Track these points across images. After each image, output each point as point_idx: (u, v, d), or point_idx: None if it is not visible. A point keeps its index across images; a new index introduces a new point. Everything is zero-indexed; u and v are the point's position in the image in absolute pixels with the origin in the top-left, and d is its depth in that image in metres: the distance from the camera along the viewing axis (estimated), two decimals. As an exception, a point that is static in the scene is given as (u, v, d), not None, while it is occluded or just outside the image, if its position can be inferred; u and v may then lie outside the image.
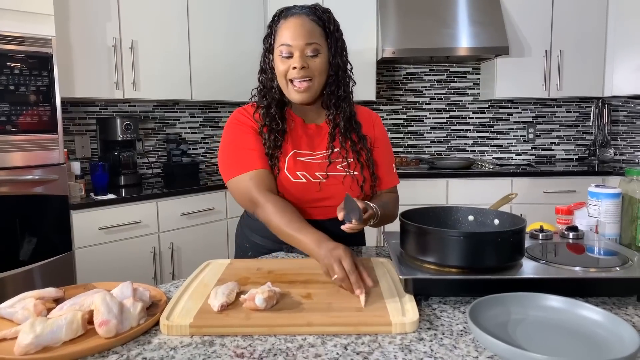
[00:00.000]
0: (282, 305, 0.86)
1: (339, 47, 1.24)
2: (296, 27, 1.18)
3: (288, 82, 1.21)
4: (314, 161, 1.26)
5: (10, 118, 2.06)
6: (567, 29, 3.35)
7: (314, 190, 1.24)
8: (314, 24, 1.20)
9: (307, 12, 1.20)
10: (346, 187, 1.25)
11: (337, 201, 1.22)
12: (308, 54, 1.19)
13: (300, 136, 1.28)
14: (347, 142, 1.28)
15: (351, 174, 1.26)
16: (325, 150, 1.27)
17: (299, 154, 1.26)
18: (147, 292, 0.88)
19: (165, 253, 2.65)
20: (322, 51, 1.20)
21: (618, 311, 0.85)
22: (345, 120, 1.28)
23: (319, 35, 1.20)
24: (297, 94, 1.21)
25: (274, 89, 1.25)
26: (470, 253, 0.90)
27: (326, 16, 1.22)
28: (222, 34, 3.12)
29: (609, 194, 1.23)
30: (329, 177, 1.25)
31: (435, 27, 3.25)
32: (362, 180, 1.27)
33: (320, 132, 1.30)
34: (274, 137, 1.23)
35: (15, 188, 2.09)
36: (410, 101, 3.82)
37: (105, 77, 2.63)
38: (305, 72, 1.18)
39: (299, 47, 1.17)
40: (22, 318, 0.80)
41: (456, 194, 3.17)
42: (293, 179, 1.23)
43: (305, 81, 1.19)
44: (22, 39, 2.09)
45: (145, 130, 3.22)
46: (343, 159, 1.27)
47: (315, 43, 1.19)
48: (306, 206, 1.25)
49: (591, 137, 3.78)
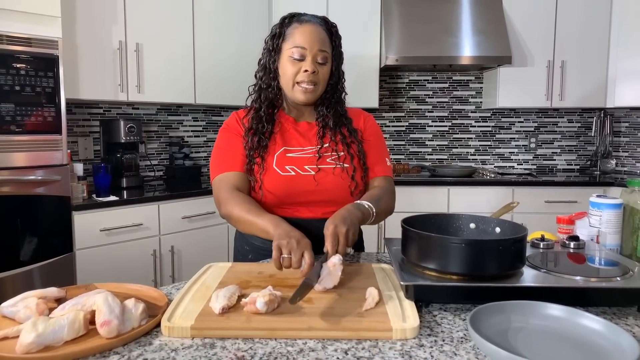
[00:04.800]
0: (283, 309, 0.86)
1: (340, 60, 1.34)
2: (312, 33, 1.25)
3: (295, 84, 1.26)
4: (303, 156, 1.30)
5: (15, 118, 2.07)
6: (570, 39, 3.37)
7: (304, 182, 1.27)
8: (325, 35, 1.28)
9: (321, 23, 1.29)
10: (337, 178, 1.28)
11: (328, 195, 1.27)
12: (319, 60, 1.26)
13: (291, 134, 1.33)
14: (337, 136, 1.32)
15: (342, 165, 1.29)
16: (315, 145, 1.32)
17: (289, 150, 1.31)
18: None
19: (166, 256, 2.66)
20: (329, 60, 1.29)
21: (618, 321, 0.85)
22: (336, 117, 1.33)
23: (328, 45, 1.29)
24: (303, 95, 1.27)
25: (271, 87, 1.31)
26: (472, 260, 0.90)
27: (334, 30, 1.32)
28: (226, 38, 3.14)
29: (610, 205, 1.24)
30: (320, 170, 1.28)
31: (439, 35, 3.27)
32: (353, 170, 1.30)
33: (311, 129, 1.35)
34: (258, 139, 1.29)
35: (18, 188, 2.10)
36: (413, 109, 3.83)
37: (110, 80, 2.64)
38: (314, 77, 1.26)
39: (314, 52, 1.24)
40: (24, 317, 0.80)
41: (457, 202, 3.18)
42: (282, 173, 1.27)
43: (311, 85, 1.26)
44: (29, 40, 2.10)
45: (148, 132, 3.23)
46: (333, 152, 1.31)
47: (326, 52, 1.27)
48: (297, 201, 1.28)
49: (593, 148, 3.79)
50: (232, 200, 1.22)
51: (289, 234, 1.03)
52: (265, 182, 1.27)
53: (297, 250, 0.97)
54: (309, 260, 0.96)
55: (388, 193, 1.34)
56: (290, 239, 1.00)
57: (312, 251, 0.99)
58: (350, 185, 1.29)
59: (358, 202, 1.20)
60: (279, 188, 1.27)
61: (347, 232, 1.06)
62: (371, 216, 1.20)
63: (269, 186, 1.27)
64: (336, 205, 1.21)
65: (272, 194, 1.27)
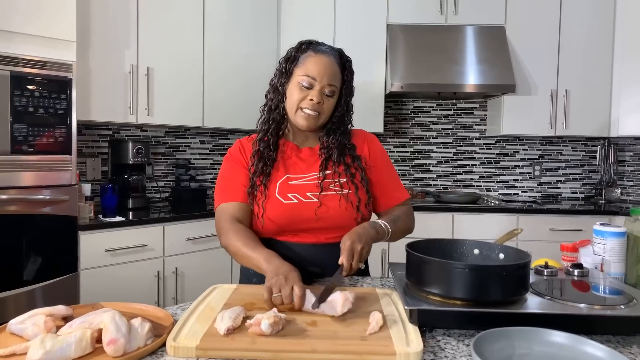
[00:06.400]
0: (287, 332, 0.87)
1: (350, 94, 1.36)
2: (325, 65, 1.27)
3: (299, 109, 1.29)
4: (306, 183, 1.31)
5: (27, 138, 2.12)
6: (573, 69, 3.42)
7: (306, 210, 1.27)
8: (337, 69, 1.31)
9: (335, 56, 1.31)
10: (342, 210, 1.28)
11: (331, 222, 1.27)
12: (326, 92, 1.28)
13: (293, 161, 1.35)
14: (341, 166, 1.33)
15: (343, 193, 1.29)
16: (317, 172, 1.32)
17: (291, 178, 1.32)
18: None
19: (169, 278, 2.65)
20: (336, 94, 1.31)
21: (622, 349, 0.85)
22: (340, 149, 1.34)
23: (339, 80, 1.31)
24: (305, 121, 1.29)
25: (279, 109, 1.33)
26: (476, 286, 0.90)
27: (348, 65, 1.34)
28: (235, 63, 3.21)
29: (614, 233, 1.24)
30: (322, 197, 1.28)
31: (444, 63, 3.33)
32: (357, 201, 1.30)
33: (313, 155, 1.36)
34: (263, 164, 1.31)
35: (25, 207, 2.12)
36: (417, 135, 3.86)
37: (121, 102, 2.70)
38: (318, 107, 1.28)
39: (322, 84, 1.27)
40: (32, 334, 0.81)
41: (462, 229, 3.17)
42: (284, 201, 1.28)
43: (315, 112, 1.28)
44: (45, 63, 2.16)
45: (155, 154, 3.27)
46: (335, 180, 1.31)
47: (334, 86, 1.30)
48: (300, 228, 1.29)
49: (597, 177, 3.79)
50: (231, 231, 1.24)
51: (277, 270, 1.05)
52: (267, 210, 1.28)
53: (287, 286, 0.98)
54: (298, 292, 0.97)
55: (406, 214, 1.39)
56: (279, 276, 1.02)
57: (301, 282, 1.00)
58: (356, 217, 1.30)
59: (374, 221, 1.25)
60: (282, 216, 1.27)
61: (362, 249, 1.13)
62: (386, 235, 1.25)
63: (272, 214, 1.27)
64: (340, 230, 1.23)
65: (274, 222, 1.28)
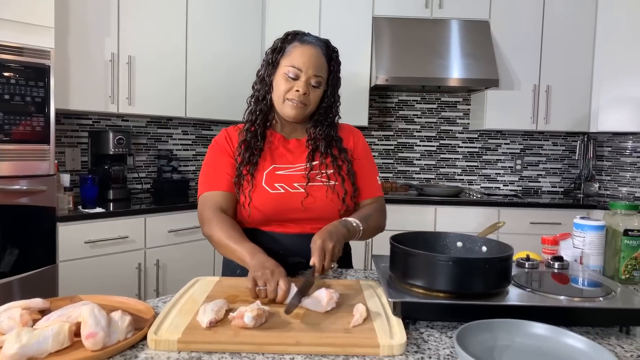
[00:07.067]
0: (270, 324, 0.86)
1: (337, 84, 1.35)
2: (311, 56, 1.27)
3: (285, 99, 1.28)
4: (293, 173, 1.31)
5: (2, 127, 2.05)
6: (555, 65, 3.46)
7: (293, 200, 1.27)
8: (323, 60, 1.30)
9: (322, 46, 1.30)
10: (328, 201, 1.28)
11: (317, 213, 1.27)
12: (312, 83, 1.28)
13: (281, 152, 1.34)
14: (328, 158, 1.33)
15: (330, 184, 1.29)
16: (304, 163, 1.32)
17: (278, 168, 1.31)
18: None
19: (151, 270, 2.62)
20: (322, 85, 1.30)
21: (601, 341, 0.87)
22: (327, 140, 1.34)
23: (325, 70, 1.31)
24: (292, 110, 1.29)
25: (265, 100, 1.33)
26: (459, 278, 0.91)
27: (334, 55, 1.34)
28: (219, 53, 3.16)
29: (593, 226, 1.26)
30: (309, 187, 1.28)
31: (428, 57, 3.33)
32: (344, 193, 1.31)
33: (300, 146, 1.36)
34: (250, 154, 1.30)
35: (1, 198, 2.07)
36: (401, 128, 3.88)
37: (101, 91, 2.64)
38: (304, 99, 1.28)
39: (308, 75, 1.26)
40: (8, 328, 0.78)
41: (444, 221, 3.20)
42: (271, 191, 1.28)
43: (301, 104, 1.28)
44: (21, 49, 2.10)
45: (137, 145, 3.22)
46: (322, 171, 1.31)
47: (320, 77, 1.29)
48: (286, 218, 1.29)
49: (577, 171, 3.86)
50: (215, 221, 1.23)
51: (263, 264, 1.04)
52: (254, 199, 1.27)
53: (272, 281, 0.98)
54: (284, 286, 0.96)
55: (378, 211, 1.36)
56: (265, 270, 1.01)
57: (286, 278, 1.00)
58: (341, 209, 1.30)
59: (345, 219, 1.23)
60: (269, 205, 1.27)
61: (334, 248, 1.10)
62: (357, 233, 1.23)
63: (258, 204, 1.27)
64: (325, 221, 1.22)
65: (261, 212, 1.27)
